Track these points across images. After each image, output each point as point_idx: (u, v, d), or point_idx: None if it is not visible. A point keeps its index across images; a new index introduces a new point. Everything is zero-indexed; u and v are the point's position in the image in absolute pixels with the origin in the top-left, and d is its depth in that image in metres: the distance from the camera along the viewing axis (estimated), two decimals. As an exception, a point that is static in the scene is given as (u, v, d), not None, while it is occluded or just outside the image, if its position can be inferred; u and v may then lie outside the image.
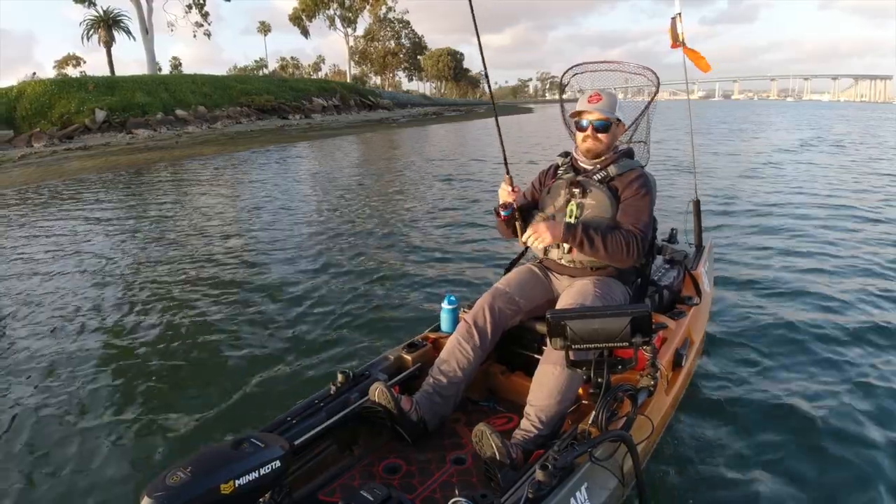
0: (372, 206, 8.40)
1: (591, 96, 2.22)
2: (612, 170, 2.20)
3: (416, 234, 6.49)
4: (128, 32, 38.86)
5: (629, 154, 2.30)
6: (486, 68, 2.42)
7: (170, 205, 8.94)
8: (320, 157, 16.90)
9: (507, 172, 2.26)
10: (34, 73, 45.26)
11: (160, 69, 38.58)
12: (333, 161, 15.64)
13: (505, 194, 2.24)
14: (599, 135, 2.19)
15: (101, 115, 24.41)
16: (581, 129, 2.23)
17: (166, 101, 27.97)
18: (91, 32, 38.18)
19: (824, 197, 8.39)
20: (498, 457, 1.74)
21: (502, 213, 2.22)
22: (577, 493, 1.53)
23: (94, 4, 37.45)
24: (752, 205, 7.85)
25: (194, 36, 43.55)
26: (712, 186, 9.21)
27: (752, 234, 6.15)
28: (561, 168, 2.33)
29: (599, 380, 1.73)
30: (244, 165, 14.60)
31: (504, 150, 2.39)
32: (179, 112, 27.90)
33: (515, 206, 2.22)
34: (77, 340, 3.73)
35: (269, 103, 33.36)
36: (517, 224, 2.27)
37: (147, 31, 35.67)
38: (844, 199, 8.16)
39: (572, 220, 2.16)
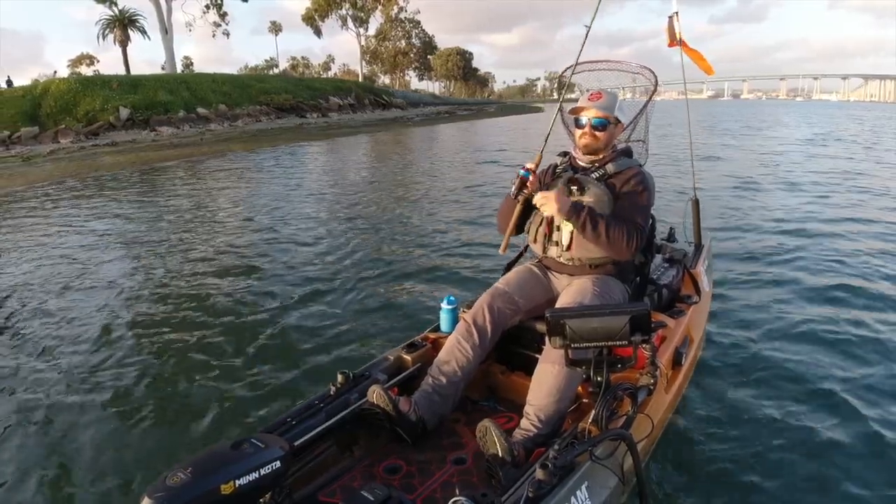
0: (377, 206, 8.43)
1: (592, 94, 2.23)
2: (609, 168, 2.20)
3: (416, 235, 6.49)
4: (143, 32, 39.39)
5: (627, 153, 2.31)
6: (578, 58, 2.44)
7: (199, 198, 9.28)
8: (341, 155, 17.27)
9: (541, 153, 2.28)
10: (55, 72, 45.98)
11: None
12: (353, 159, 16.00)
13: (529, 164, 2.23)
14: (597, 132, 2.20)
15: (125, 112, 24.86)
16: (579, 125, 2.24)
17: (188, 99, 28.35)
18: (107, 32, 38.48)
19: (826, 195, 8.40)
20: (501, 453, 1.74)
21: (520, 172, 2.21)
22: (578, 492, 1.53)
23: (116, 4, 37.86)
24: (752, 203, 7.86)
25: (213, 35, 44.02)
26: (713, 185, 9.22)
27: (752, 232, 6.15)
28: (559, 167, 2.34)
29: (599, 378, 1.73)
30: (272, 162, 14.97)
31: (546, 140, 2.38)
32: (201, 110, 28.27)
33: (531, 183, 2.21)
34: (79, 331, 3.75)
35: (287, 102, 33.72)
36: (510, 228, 2.27)
37: (167, 30, 36.00)
38: (847, 198, 8.17)
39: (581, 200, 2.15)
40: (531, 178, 2.20)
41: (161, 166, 14.56)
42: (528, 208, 2.27)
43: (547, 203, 2.08)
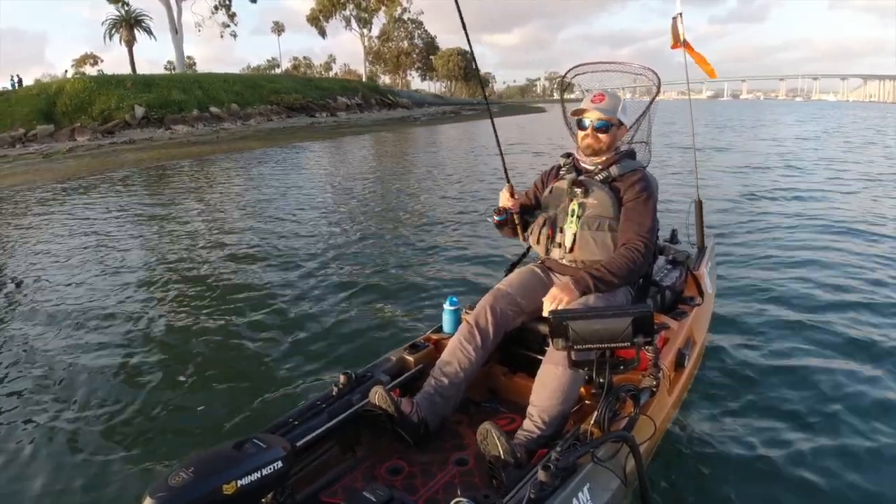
0: (385, 205, 8.51)
1: (594, 95, 2.22)
2: (613, 170, 2.20)
3: (419, 235, 6.49)
4: (149, 32, 39.92)
5: (631, 155, 2.30)
6: (476, 63, 2.53)
7: (219, 196, 9.65)
8: (356, 152, 17.59)
9: (508, 181, 2.35)
10: (66, 71, 46.58)
11: (175, 68, 39.44)
12: (366, 157, 16.36)
13: (504, 199, 2.32)
14: (599, 135, 2.20)
15: (140, 111, 25.35)
16: (582, 127, 2.23)
17: (201, 98, 28.84)
18: (113, 32, 38.82)
19: (828, 194, 8.38)
20: (502, 455, 1.73)
21: (496, 217, 2.31)
22: (580, 494, 1.53)
23: (127, 4, 38.22)
24: (755, 203, 7.84)
25: (221, 36, 44.91)
26: (716, 186, 9.20)
27: (755, 234, 6.13)
28: (563, 168, 2.33)
29: (601, 380, 1.73)
30: (292, 159, 15.41)
31: (504, 161, 2.49)
32: (214, 109, 28.75)
33: (513, 212, 2.30)
34: (83, 333, 3.77)
35: (297, 102, 34.22)
36: (517, 226, 2.32)
37: (177, 31, 36.46)
38: (849, 197, 8.15)
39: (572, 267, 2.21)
40: (511, 207, 2.29)
41: (184, 163, 14.98)
42: (528, 214, 2.32)
43: (557, 301, 2.02)
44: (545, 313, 2.02)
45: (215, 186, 10.86)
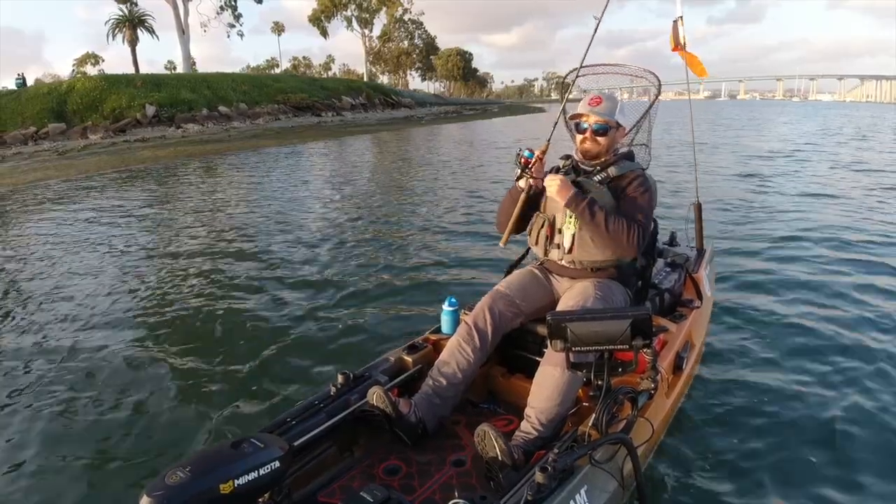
0: (387, 204, 8.51)
1: (591, 98, 2.21)
2: (612, 171, 2.20)
3: (419, 235, 6.49)
4: (151, 32, 40.12)
5: (629, 156, 2.30)
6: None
7: (223, 194, 9.75)
8: (364, 151, 17.77)
9: (548, 141, 2.27)
10: (73, 70, 46.84)
11: (175, 67, 39.83)
12: (374, 155, 16.52)
13: (538, 151, 2.22)
14: (598, 137, 2.20)
15: (150, 109, 25.54)
16: (580, 131, 2.23)
17: (209, 98, 29.00)
18: (116, 31, 38.98)
19: (828, 196, 8.38)
20: (500, 457, 1.74)
21: (525, 154, 2.19)
22: (577, 496, 1.53)
23: (136, 4, 38.45)
24: (754, 205, 7.83)
25: (228, 36, 45.90)
26: (715, 187, 9.20)
27: (754, 237, 6.13)
28: (562, 170, 2.34)
29: (599, 382, 1.73)
30: (306, 157, 15.71)
31: (555, 127, 2.38)
32: (222, 108, 28.95)
33: (535, 168, 2.19)
34: (85, 326, 3.77)
35: (303, 101, 34.43)
36: (512, 221, 2.26)
37: (183, 31, 36.69)
38: (848, 197, 8.15)
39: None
40: (535, 158, 2.18)
41: (202, 160, 15.22)
42: (529, 205, 2.27)
43: (553, 185, 2.10)
44: (547, 186, 2.11)
45: (231, 184, 11.00)
